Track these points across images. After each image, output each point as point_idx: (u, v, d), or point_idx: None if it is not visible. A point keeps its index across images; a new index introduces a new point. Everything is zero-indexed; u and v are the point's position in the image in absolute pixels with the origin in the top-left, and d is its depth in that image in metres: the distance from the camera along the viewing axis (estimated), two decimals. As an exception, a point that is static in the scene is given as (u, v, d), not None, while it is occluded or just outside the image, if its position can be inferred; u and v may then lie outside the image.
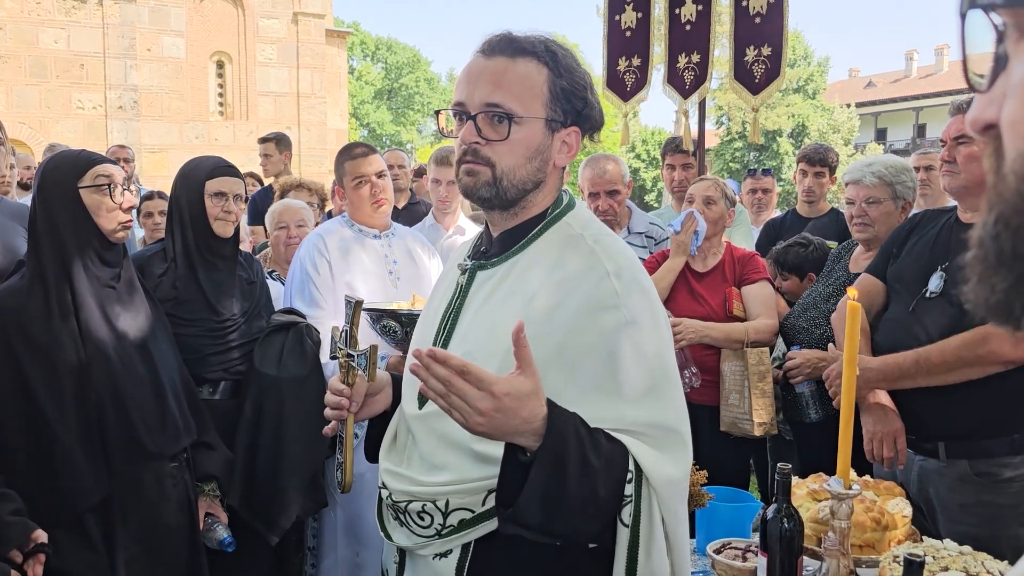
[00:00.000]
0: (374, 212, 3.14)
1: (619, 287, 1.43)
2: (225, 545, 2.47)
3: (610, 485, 1.34)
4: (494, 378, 1.23)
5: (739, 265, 3.37)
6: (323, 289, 3.02)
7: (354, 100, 37.77)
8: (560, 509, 1.31)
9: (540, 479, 1.28)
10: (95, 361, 2.20)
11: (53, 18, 17.20)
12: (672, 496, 1.41)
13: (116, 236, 2.32)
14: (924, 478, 2.46)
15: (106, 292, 2.29)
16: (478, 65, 1.50)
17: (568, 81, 1.49)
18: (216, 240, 2.68)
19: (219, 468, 2.53)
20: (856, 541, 1.96)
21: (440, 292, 1.67)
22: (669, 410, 1.44)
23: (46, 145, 7.66)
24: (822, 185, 4.56)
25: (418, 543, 1.50)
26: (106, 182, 2.29)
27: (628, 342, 1.40)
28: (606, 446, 1.34)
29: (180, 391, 2.40)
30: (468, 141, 1.47)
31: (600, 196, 3.64)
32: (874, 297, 2.62)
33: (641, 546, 1.38)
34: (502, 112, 1.45)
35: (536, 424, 1.26)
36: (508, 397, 1.23)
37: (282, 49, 19.70)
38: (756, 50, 4.09)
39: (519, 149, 1.47)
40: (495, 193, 1.49)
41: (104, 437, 2.18)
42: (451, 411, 1.25)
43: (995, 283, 0.49)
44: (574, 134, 1.53)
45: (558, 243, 1.51)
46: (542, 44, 1.50)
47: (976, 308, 0.51)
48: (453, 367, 1.22)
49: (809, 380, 3.08)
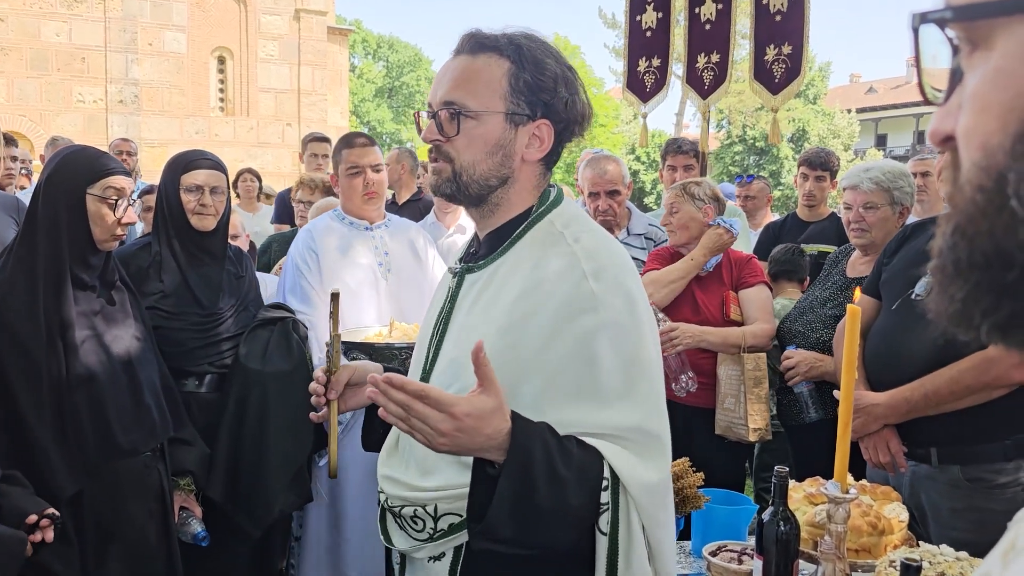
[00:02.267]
0: (364, 204, 3.16)
1: (597, 288, 1.41)
2: (199, 539, 2.47)
3: (583, 494, 1.34)
4: (454, 399, 1.25)
5: (737, 268, 3.36)
6: (315, 284, 3.03)
7: (355, 98, 37.75)
8: (530, 521, 1.31)
9: (508, 492, 1.28)
10: (73, 358, 2.19)
11: (55, 11, 17.17)
12: (651, 502, 1.39)
13: (105, 245, 2.32)
14: (916, 483, 2.46)
15: (87, 292, 2.29)
16: (445, 65, 1.54)
17: (532, 74, 1.47)
18: (197, 234, 2.68)
19: (195, 463, 2.54)
20: (852, 545, 1.96)
21: (437, 295, 1.68)
22: (647, 413, 1.42)
23: (47, 138, 7.66)
24: (823, 189, 4.57)
25: (414, 546, 1.51)
26: (115, 195, 2.29)
27: (606, 344, 1.38)
28: (577, 455, 1.34)
29: (158, 387, 2.40)
30: (428, 139, 1.51)
31: (600, 196, 3.63)
32: (868, 315, 2.61)
33: (620, 554, 1.37)
34: (455, 108, 1.46)
35: (500, 439, 1.27)
36: (469, 417, 1.24)
37: (283, 45, 19.68)
38: (776, 49, 4.07)
39: (477, 144, 1.47)
40: (456, 189, 1.50)
41: (79, 434, 2.18)
42: (413, 433, 1.27)
43: (953, 293, 0.50)
44: (544, 127, 1.50)
45: (539, 243, 1.49)
46: (506, 38, 1.49)
47: (938, 318, 0.52)
48: (411, 392, 1.24)
49: (807, 380, 3.08)
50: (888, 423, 2.47)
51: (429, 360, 1.56)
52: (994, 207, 0.46)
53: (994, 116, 0.47)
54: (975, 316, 0.49)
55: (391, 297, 3.12)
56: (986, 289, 0.48)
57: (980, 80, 0.48)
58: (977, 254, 0.48)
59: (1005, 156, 0.46)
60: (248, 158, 18.52)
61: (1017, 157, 0.45)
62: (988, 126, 0.47)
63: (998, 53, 0.47)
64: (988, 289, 0.48)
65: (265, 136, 19.48)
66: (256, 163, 18.84)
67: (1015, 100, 0.46)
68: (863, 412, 2.46)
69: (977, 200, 0.48)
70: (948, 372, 2.31)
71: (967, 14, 0.48)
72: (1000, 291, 0.47)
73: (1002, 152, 0.46)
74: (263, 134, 19.47)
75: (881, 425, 2.47)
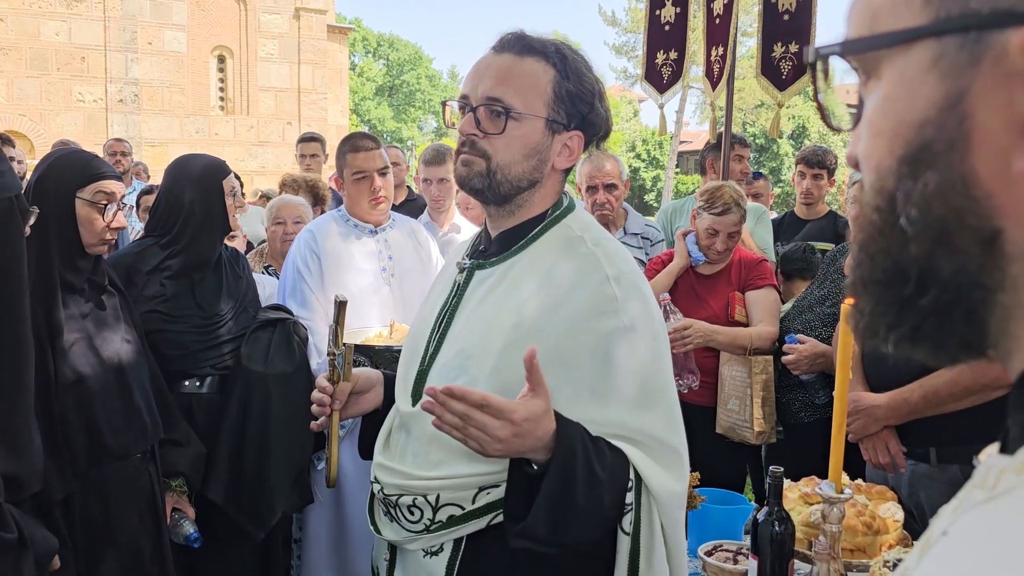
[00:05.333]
0: (371, 209, 3.12)
1: (619, 292, 1.43)
2: (191, 540, 2.47)
3: (614, 494, 1.36)
4: (513, 405, 1.25)
5: (746, 270, 3.34)
6: (315, 288, 3.00)
7: (355, 96, 37.73)
8: (567, 520, 1.32)
9: (550, 491, 1.29)
10: (61, 361, 2.18)
11: (55, 10, 17.16)
12: (671, 503, 1.42)
13: (94, 249, 2.31)
14: (915, 482, 2.46)
15: (76, 296, 2.28)
16: (486, 60, 1.51)
17: (575, 85, 1.49)
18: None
19: (187, 464, 2.53)
20: (847, 545, 1.95)
21: (437, 290, 1.67)
22: (663, 422, 1.44)
23: (47, 137, 7.65)
24: (820, 187, 4.56)
25: (407, 537, 1.50)
26: (105, 200, 2.28)
27: (625, 347, 1.40)
28: (609, 456, 1.36)
29: (148, 389, 2.40)
30: (466, 133, 1.48)
31: (598, 190, 3.63)
32: None
33: (642, 553, 1.39)
34: (501, 107, 1.45)
35: (547, 440, 1.29)
36: (527, 422, 1.25)
37: (283, 44, 19.68)
38: (784, 47, 4.12)
39: (516, 145, 1.47)
40: (487, 185, 1.48)
41: (68, 437, 2.17)
42: (467, 441, 1.26)
43: (862, 308, 0.53)
44: (576, 138, 1.52)
45: (557, 245, 1.51)
46: (553, 46, 1.50)
47: (854, 331, 0.55)
48: (472, 402, 1.23)
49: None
50: (888, 424, 2.47)
51: (429, 352, 1.56)
52: (888, 225, 0.50)
53: (884, 141, 0.50)
54: (881, 330, 0.52)
55: (394, 302, 3.09)
56: (888, 304, 0.51)
57: (872, 107, 0.52)
58: (878, 271, 0.51)
59: (893, 177, 0.49)
60: (248, 157, 18.56)
61: (902, 178, 0.49)
62: (880, 150, 0.51)
63: (885, 82, 0.51)
64: (890, 304, 0.51)
65: (265, 135, 19.48)
66: (256, 162, 18.94)
67: (899, 126, 0.49)
68: (863, 414, 2.46)
69: (874, 219, 0.51)
70: (947, 373, 2.31)
71: (853, 48, 0.52)
72: (901, 306, 0.50)
73: (890, 174, 0.50)
74: (263, 133, 19.47)
75: (881, 427, 2.47)
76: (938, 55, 0.47)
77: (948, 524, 0.48)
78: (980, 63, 0.45)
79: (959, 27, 0.46)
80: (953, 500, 0.50)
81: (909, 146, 0.48)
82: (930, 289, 0.48)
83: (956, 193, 0.46)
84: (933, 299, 0.49)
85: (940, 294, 0.48)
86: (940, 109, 0.47)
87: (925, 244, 0.48)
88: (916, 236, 0.48)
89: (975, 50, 0.45)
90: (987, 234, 0.46)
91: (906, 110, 0.49)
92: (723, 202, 3.23)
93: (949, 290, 0.48)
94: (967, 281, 0.47)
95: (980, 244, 0.46)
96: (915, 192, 0.48)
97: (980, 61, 0.45)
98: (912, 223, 0.48)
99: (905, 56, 0.49)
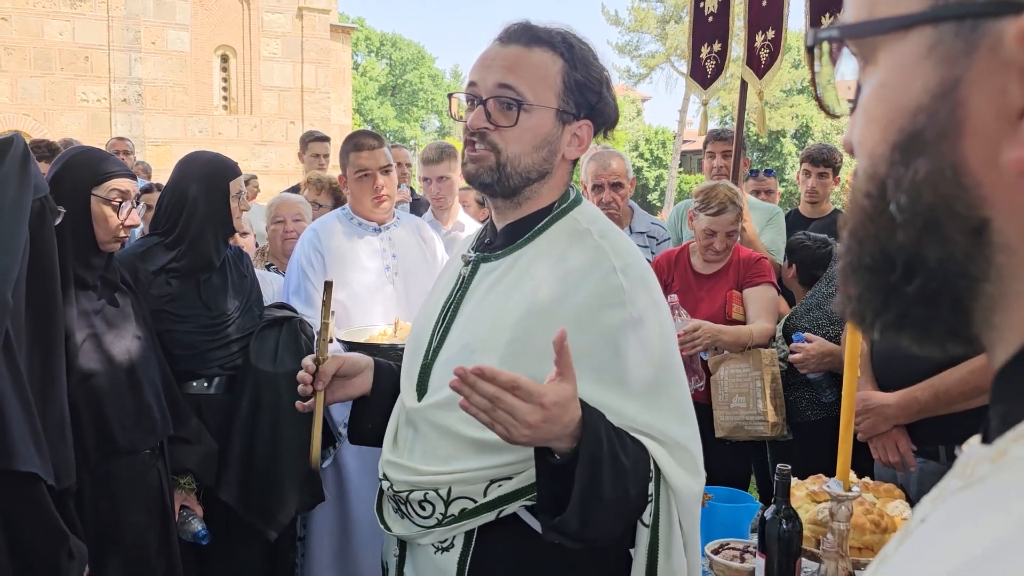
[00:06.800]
0: (375, 208, 3.12)
1: (626, 284, 1.42)
2: (200, 538, 2.47)
3: (637, 485, 1.34)
4: (543, 389, 1.22)
5: (744, 268, 3.34)
6: (320, 286, 3.00)
7: (358, 96, 37.75)
8: (595, 513, 1.29)
9: (583, 484, 1.26)
10: (73, 357, 2.19)
11: (58, 10, 17.18)
12: (688, 495, 1.41)
13: (107, 246, 2.33)
14: (925, 480, 2.46)
15: (88, 292, 2.29)
16: (494, 51, 1.49)
17: (583, 74, 1.48)
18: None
19: (195, 462, 2.53)
20: (855, 543, 1.95)
21: (442, 283, 1.66)
22: (675, 416, 1.43)
23: (50, 137, 7.66)
24: (825, 186, 4.54)
25: (418, 532, 1.49)
26: (119, 198, 2.30)
27: (633, 339, 1.39)
28: (631, 446, 1.34)
29: (159, 386, 2.40)
30: (476, 126, 1.46)
31: (604, 188, 3.62)
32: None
33: (661, 546, 1.37)
34: (512, 97, 1.44)
35: (573, 427, 1.26)
36: (556, 406, 1.22)
37: (287, 44, 19.68)
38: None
39: (527, 137, 1.46)
40: (497, 179, 1.47)
41: (77, 433, 2.17)
42: (493, 425, 1.22)
43: (850, 293, 0.54)
44: (586, 127, 1.51)
45: (564, 237, 1.50)
46: (559, 35, 1.49)
47: (841, 316, 0.56)
48: (502, 384, 1.19)
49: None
50: (898, 423, 2.46)
51: (433, 346, 1.55)
52: (878, 212, 0.50)
53: (879, 127, 0.50)
54: (868, 316, 0.53)
55: (398, 300, 3.09)
56: (875, 290, 0.52)
57: (868, 93, 0.52)
58: (867, 257, 0.51)
59: (885, 164, 0.50)
60: (251, 156, 18.54)
61: (894, 164, 0.49)
62: (874, 136, 0.51)
63: (881, 68, 0.51)
64: (877, 290, 0.51)
65: (268, 134, 19.49)
66: (260, 161, 18.93)
67: (894, 113, 0.49)
68: (873, 413, 2.45)
69: (865, 206, 0.51)
70: (958, 372, 2.31)
71: (852, 32, 0.52)
72: (887, 292, 0.51)
73: (883, 160, 0.50)
74: (266, 132, 19.47)
75: (891, 426, 2.47)
76: (934, 42, 0.47)
77: (927, 512, 0.49)
78: (975, 52, 0.45)
79: (956, 15, 0.46)
80: (934, 489, 0.51)
81: (902, 133, 0.48)
82: (917, 276, 0.49)
83: (946, 181, 0.46)
84: (919, 287, 0.49)
85: (926, 282, 0.48)
86: (934, 96, 0.47)
87: (913, 231, 0.48)
88: (904, 223, 0.48)
89: (971, 38, 0.45)
90: (975, 223, 0.46)
91: (901, 96, 0.49)
92: (718, 202, 3.23)
93: (935, 278, 0.48)
94: (953, 270, 0.47)
95: (968, 233, 0.46)
96: (905, 179, 0.48)
97: (975, 50, 0.45)
98: (901, 210, 0.48)
99: (902, 42, 0.49)
